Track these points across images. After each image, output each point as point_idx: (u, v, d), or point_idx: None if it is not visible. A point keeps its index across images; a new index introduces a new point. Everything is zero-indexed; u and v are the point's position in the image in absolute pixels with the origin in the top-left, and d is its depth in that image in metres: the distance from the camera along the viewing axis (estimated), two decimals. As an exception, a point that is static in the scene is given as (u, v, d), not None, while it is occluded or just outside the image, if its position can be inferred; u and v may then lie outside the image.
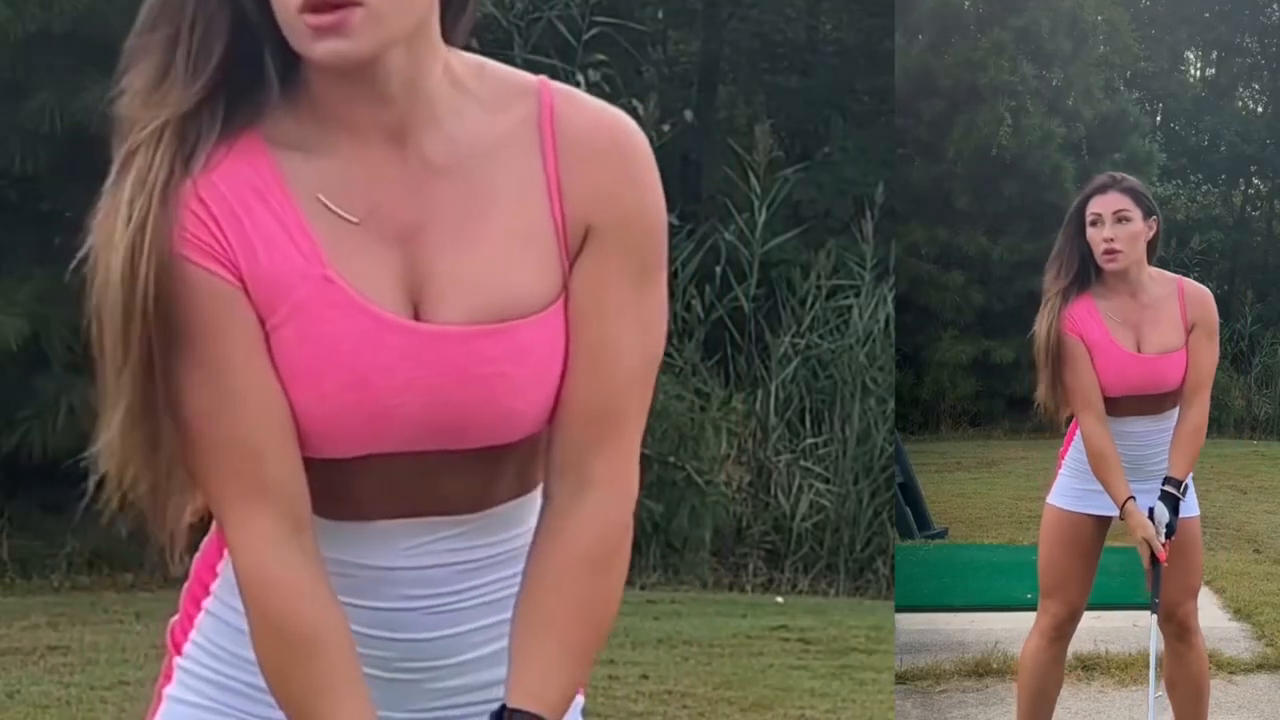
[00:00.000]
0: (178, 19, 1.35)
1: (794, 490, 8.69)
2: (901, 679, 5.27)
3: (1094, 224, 3.52)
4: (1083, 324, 3.55)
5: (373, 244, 1.41)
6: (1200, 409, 3.60)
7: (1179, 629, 3.75)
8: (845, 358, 9.07)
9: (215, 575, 1.56)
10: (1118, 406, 3.60)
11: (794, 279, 9.46)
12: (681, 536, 8.29)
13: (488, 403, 1.42)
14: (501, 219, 1.42)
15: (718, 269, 9.44)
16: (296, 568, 1.40)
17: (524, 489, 1.52)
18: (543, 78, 1.48)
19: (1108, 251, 3.49)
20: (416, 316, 1.41)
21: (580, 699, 1.63)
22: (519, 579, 1.49)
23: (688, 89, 11.92)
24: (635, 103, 9.11)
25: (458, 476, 1.46)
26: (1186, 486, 3.68)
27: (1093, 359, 3.55)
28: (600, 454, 1.46)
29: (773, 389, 9.02)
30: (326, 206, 1.40)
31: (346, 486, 1.45)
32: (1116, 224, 3.49)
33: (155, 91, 1.36)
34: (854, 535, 8.66)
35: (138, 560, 6.85)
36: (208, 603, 1.57)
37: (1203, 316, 3.60)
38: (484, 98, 1.45)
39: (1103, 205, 3.50)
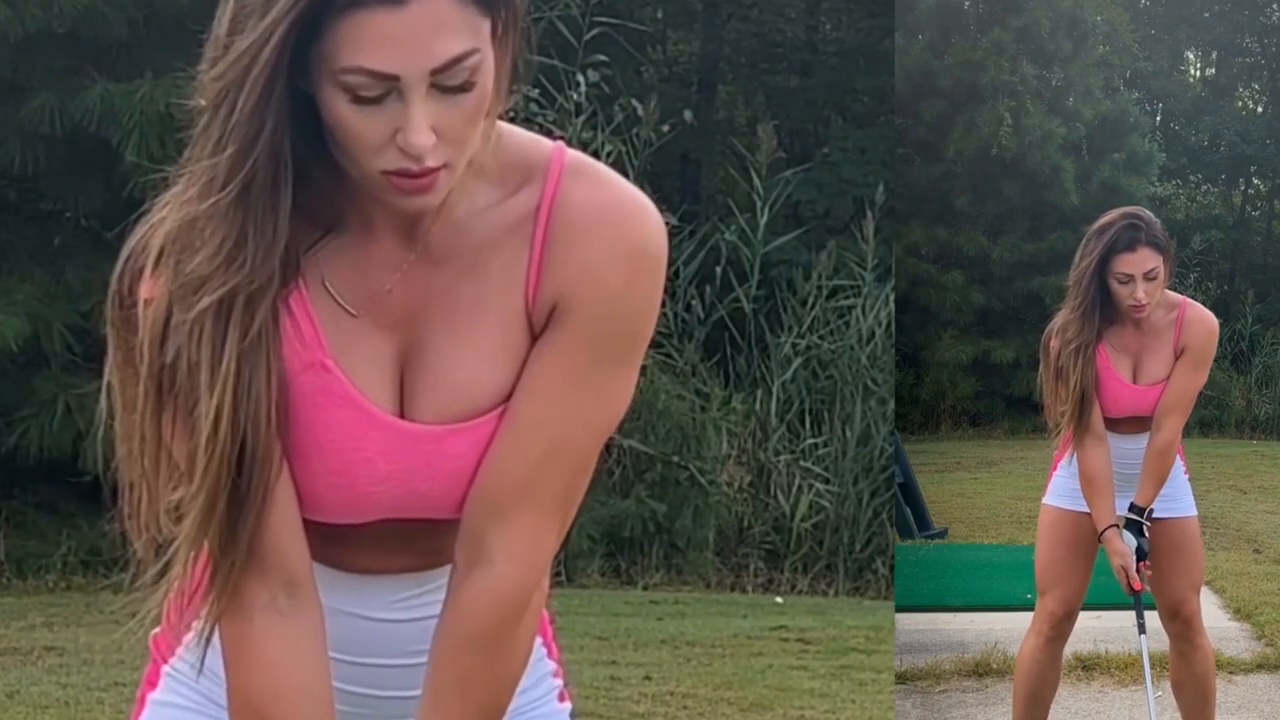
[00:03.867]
0: (245, 164, 1.33)
1: (794, 490, 8.69)
2: (901, 679, 5.26)
3: (1123, 283, 3.48)
4: (1095, 361, 3.60)
5: (370, 332, 1.44)
6: (1169, 431, 3.62)
7: (1183, 627, 3.76)
8: (845, 358, 9.07)
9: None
10: (1118, 425, 3.68)
11: (794, 279, 9.46)
12: (685, 536, 8.30)
13: (453, 490, 1.46)
14: (487, 312, 1.44)
15: (718, 269, 9.44)
16: (277, 638, 1.43)
17: None
18: (558, 146, 1.47)
19: (1136, 307, 3.50)
20: (402, 404, 1.45)
21: (568, 704, 1.65)
22: None
23: (688, 89, 11.91)
24: (635, 103, 9.11)
25: (440, 535, 1.49)
26: (1180, 487, 3.76)
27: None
28: (503, 529, 1.44)
29: (773, 389, 9.02)
30: (330, 295, 1.43)
31: (340, 540, 1.49)
32: (1147, 282, 3.47)
33: (233, 261, 1.35)
34: (854, 535, 8.66)
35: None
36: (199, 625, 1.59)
37: (1193, 343, 3.60)
38: (495, 175, 1.45)
39: (1133, 266, 3.46)
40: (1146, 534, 3.64)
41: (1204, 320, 3.63)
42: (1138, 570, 3.61)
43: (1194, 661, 3.81)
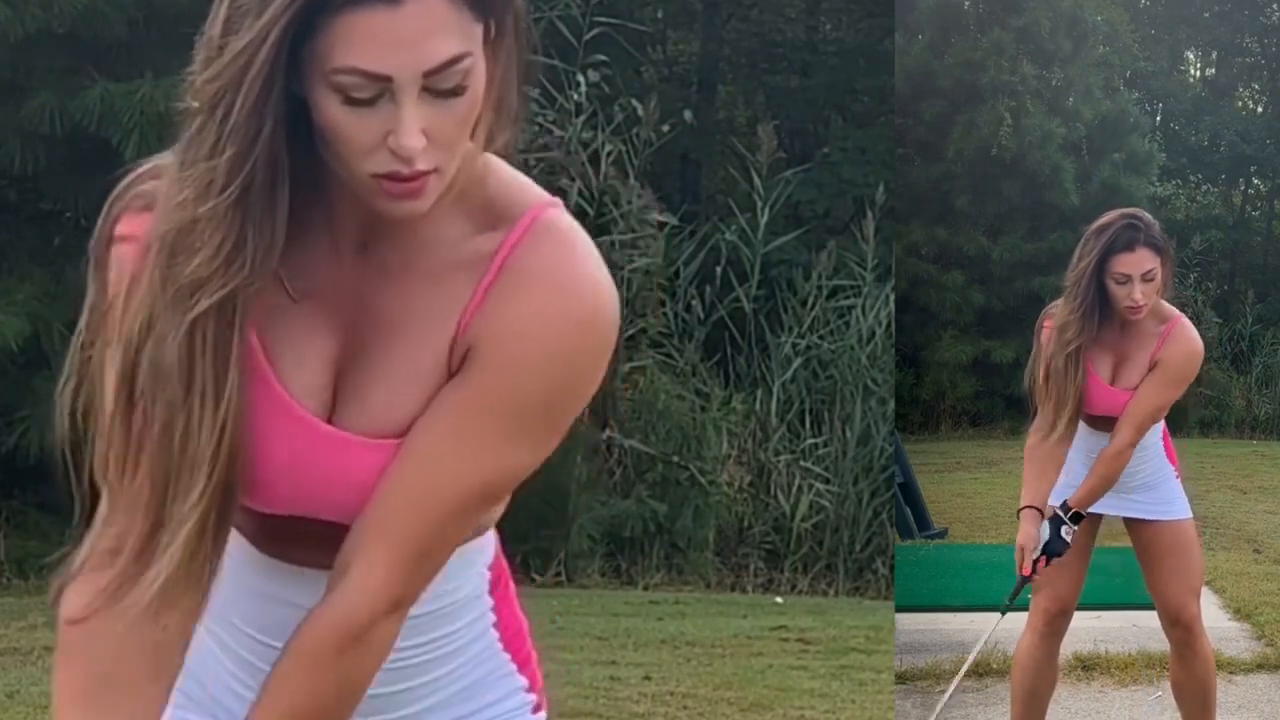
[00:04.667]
0: (244, 167, 1.33)
1: (794, 490, 8.70)
2: (901, 679, 5.27)
3: (1121, 283, 3.48)
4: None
5: (312, 326, 1.44)
6: (1121, 441, 3.59)
7: (1184, 633, 3.74)
8: (846, 358, 9.08)
9: None
10: (1096, 423, 3.68)
11: (794, 279, 9.46)
12: (685, 536, 8.30)
13: (354, 502, 1.43)
14: (423, 339, 1.43)
15: (718, 269, 9.45)
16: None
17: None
18: (546, 203, 1.44)
19: (1133, 308, 3.49)
20: (335, 406, 1.44)
21: (543, 713, 1.64)
22: (463, 631, 1.53)
23: (688, 89, 11.91)
24: (635, 103, 9.12)
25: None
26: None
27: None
28: (360, 557, 1.41)
29: (773, 389, 9.03)
30: (278, 276, 1.42)
31: (278, 536, 1.49)
32: (1144, 283, 3.46)
33: (232, 262, 1.35)
34: (854, 535, 8.67)
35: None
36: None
37: (1169, 359, 3.57)
38: (474, 208, 1.44)
39: (1131, 266, 3.45)
40: (1066, 536, 3.62)
41: (1188, 341, 3.58)
42: (1035, 562, 3.63)
43: (1195, 666, 3.79)
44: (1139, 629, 5.01)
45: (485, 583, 1.58)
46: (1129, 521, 3.76)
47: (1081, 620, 3.87)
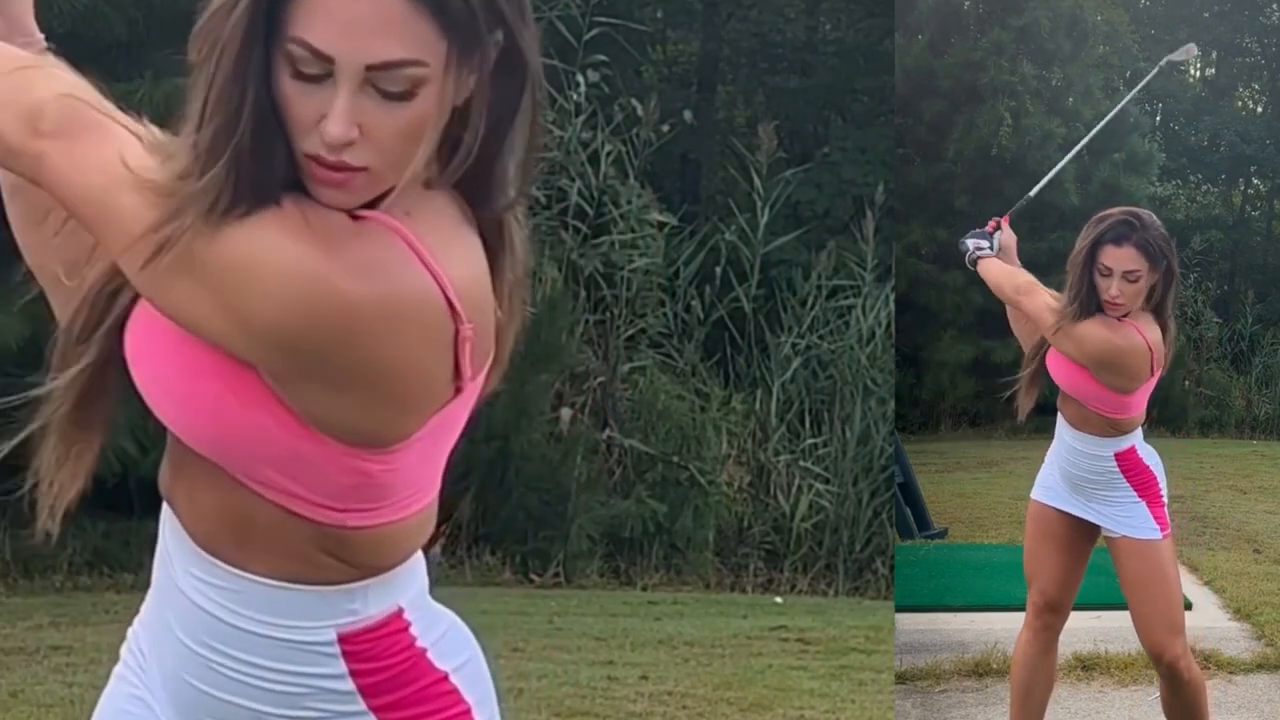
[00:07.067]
0: (232, 137, 1.35)
1: (794, 490, 8.70)
2: (901, 679, 5.27)
3: (1104, 275, 3.48)
4: None
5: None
6: (1022, 281, 4.01)
7: (1169, 669, 3.67)
8: (845, 358, 9.08)
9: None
10: (1067, 408, 3.74)
11: (794, 279, 9.47)
12: (685, 537, 8.30)
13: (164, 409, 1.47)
14: None
15: (718, 269, 9.45)
16: None
17: (288, 574, 1.48)
18: (389, 220, 1.40)
19: (1110, 303, 3.49)
20: None
21: None
22: (293, 680, 1.50)
23: (687, 89, 11.91)
24: (635, 103, 9.12)
25: (201, 482, 1.48)
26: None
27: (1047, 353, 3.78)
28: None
29: (773, 389, 9.03)
30: None
31: (175, 470, 1.52)
32: (1125, 282, 3.47)
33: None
34: (853, 535, 8.67)
35: (138, 561, 6.87)
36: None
37: (1090, 323, 3.54)
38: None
39: (1115, 261, 3.46)
40: (971, 244, 4.49)
41: (1114, 330, 3.51)
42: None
43: (1184, 693, 3.72)
44: (1139, 629, 5.00)
45: (335, 645, 1.50)
46: (1104, 537, 3.76)
47: (1081, 620, 3.86)
